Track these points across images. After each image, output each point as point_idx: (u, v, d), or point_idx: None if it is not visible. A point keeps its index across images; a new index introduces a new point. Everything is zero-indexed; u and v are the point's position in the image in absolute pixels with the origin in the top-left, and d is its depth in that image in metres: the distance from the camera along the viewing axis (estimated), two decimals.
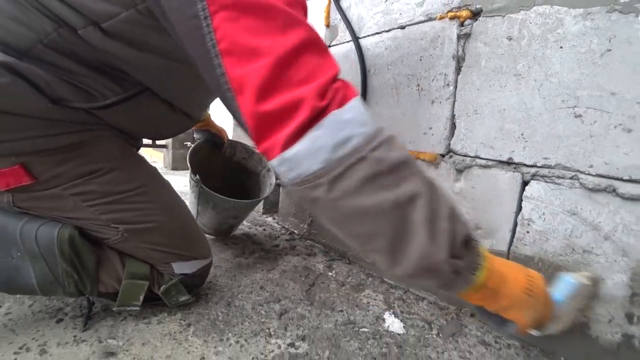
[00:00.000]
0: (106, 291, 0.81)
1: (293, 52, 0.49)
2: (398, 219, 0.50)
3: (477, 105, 0.89)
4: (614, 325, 0.72)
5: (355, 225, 0.52)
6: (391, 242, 0.51)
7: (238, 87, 0.50)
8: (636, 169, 0.68)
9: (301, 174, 0.50)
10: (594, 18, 0.71)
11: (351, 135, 0.49)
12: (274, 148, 0.50)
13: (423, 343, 0.82)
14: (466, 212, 0.93)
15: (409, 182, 0.51)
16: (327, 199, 0.50)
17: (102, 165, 0.76)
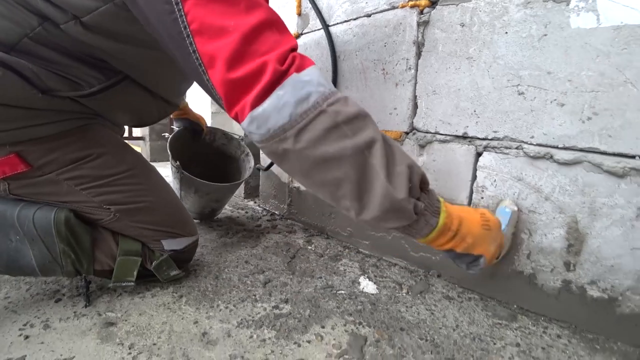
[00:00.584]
0: (102, 269, 0.87)
1: (256, 29, 0.56)
2: (359, 163, 0.57)
3: (436, 86, 0.98)
4: (555, 274, 0.84)
5: (323, 173, 0.59)
6: (356, 186, 0.58)
7: (209, 62, 0.56)
8: (568, 138, 0.78)
9: (270, 129, 0.57)
10: (533, 6, 0.80)
11: (310, 92, 0.56)
12: (244, 109, 0.56)
13: (394, 300, 0.93)
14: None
15: (365, 130, 0.58)
16: (295, 149, 0.57)
17: (92, 151, 0.82)
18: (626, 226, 0.74)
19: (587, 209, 0.78)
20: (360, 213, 0.61)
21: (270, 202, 1.66)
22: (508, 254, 0.90)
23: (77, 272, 0.85)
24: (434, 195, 0.67)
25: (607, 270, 0.76)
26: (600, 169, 0.75)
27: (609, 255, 0.76)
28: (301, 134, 0.56)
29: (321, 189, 0.62)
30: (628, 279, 0.74)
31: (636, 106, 0.70)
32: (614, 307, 0.76)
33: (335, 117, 0.56)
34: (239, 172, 1.49)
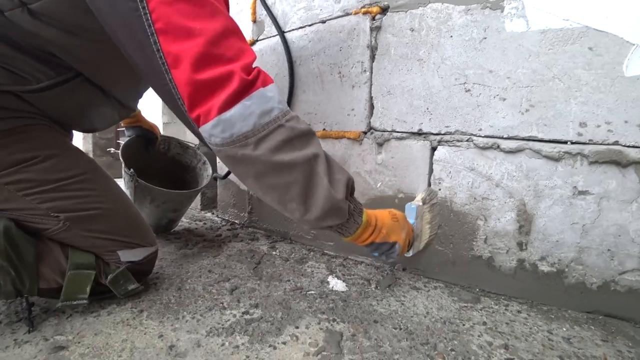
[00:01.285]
0: (48, 287, 0.78)
1: (222, 35, 0.59)
2: (307, 170, 0.65)
3: (390, 87, 1.04)
4: (510, 254, 0.90)
5: (276, 178, 0.65)
6: (304, 189, 0.66)
7: (173, 62, 0.57)
8: (511, 129, 0.87)
9: (234, 134, 0.61)
10: (473, 13, 0.89)
11: (273, 107, 0.62)
12: (210, 111, 0.59)
13: (364, 295, 0.94)
14: (389, 180, 1.07)
15: (312, 145, 0.66)
16: (253, 155, 0.62)
17: (38, 153, 0.75)
18: (565, 204, 0.82)
19: (532, 191, 0.86)
20: (305, 214, 0.68)
21: (230, 211, 1.61)
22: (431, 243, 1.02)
23: (18, 292, 0.74)
24: (357, 200, 0.78)
25: (553, 246, 0.85)
26: (540, 154, 0.84)
27: (553, 232, 0.84)
28: (261, 142, 0.62)
29: (271, 192, 0.68)
30: (571, 252, 0.83)
31: (564, 98, 0.80)
32: (562, 278, 0.84)
33: (291, 131, 0.63)
34: (195, 181, 1.44)
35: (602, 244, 0.80)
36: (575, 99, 0.79)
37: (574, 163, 0.81)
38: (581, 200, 0.81)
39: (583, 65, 0.78)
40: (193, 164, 1.47)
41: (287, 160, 0.63)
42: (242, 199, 1.52)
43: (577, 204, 0.81)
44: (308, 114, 1.23)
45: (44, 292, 0.79)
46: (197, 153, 1.46)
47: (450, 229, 0.98)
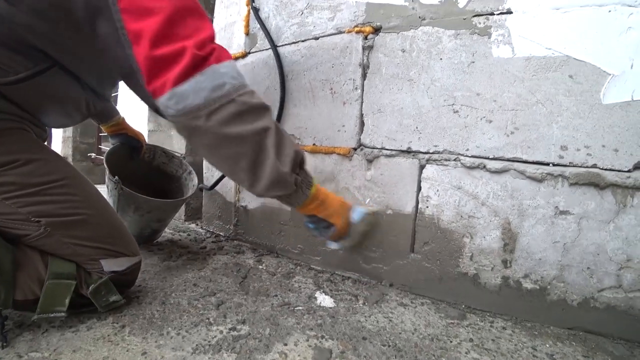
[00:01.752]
0: (24, 298, 0.74)
1: (179, 13, 0.64)
2: (256, 143, 0.70)
3: (381, 105, 1.06)
4: (495, 272, 0.93)
5: (226, 149, 0.70)
6: (252, 160, 0.71)
7: (134, 38, 0.62)
8: (497, 150, 0.90)
9: (186, 106, 0.65)
10: (462, 37, 0.93)
11: (225, 82, 0.67)
12: (165, 85, 0.64)
13: (352, 311, 0.93)
14: (377, 196, 1.09)
15: (263, 119, 0.71)
16: (205, 126, 0.67)
17: (19, 156, 0.73)
18: (547, 223, 0.86)
19: (517, 210, 0.89)
20: (253, 184, 0.74)
21: (215, 223, 1.59)
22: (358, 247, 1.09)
23: None
24: (309, 173, 0.84)
25: (536, 264, 0.87)
26: (524, 175, 0.87)
27: (536, 250, 0.87)
28: (212, 115, 0.66)
29: (222, 162, 0.74)
30: (553, 269, 0.86)
31: (546, 122, 0.84)
32: (545, 295, 0.87)
33: (242, 106, 0.68)
34: (180, 191, 1.41)
35: (582, 262, 0.83)
36: (557, 123, 0.83)
37: (555, 184, 0.84)
38: (562, 219, 0.84)
39: (564, 92, 0.82)
40: (178, 173, 1.45)
41: (236, 133, 0.68)
42: (228, 210, 1.50)
43: (558, 223, 0.85)
44: (298, 128, 1.24)
45: (19, 304, 0.74)
46: (183, 163, 1.44)
47: (437, 246, 1.00)
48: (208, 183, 1.54)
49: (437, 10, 0.96)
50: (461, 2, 0.92)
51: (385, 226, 1.08)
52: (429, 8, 0.97)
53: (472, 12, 0.91)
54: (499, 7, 0.88)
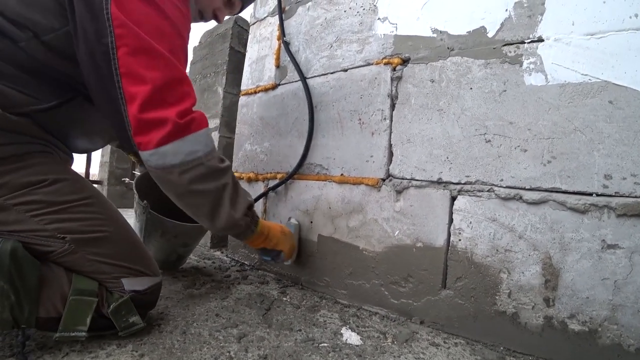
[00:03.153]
0: (47, 316, 0.74)
1: (165, 84, 0.75)
2: (216, 197, 0.87)
3: (410, 135, 1.05)
4: (536, 311, 0.85)
5: (190, 199, 0.85)
6: (211, 210, 0.88)
7: (129, 98, 0.73)
8: (533, 180, 0.86)
9: (165, 163, 0.78)
10: (492, 67, 0.93)
11: (198, 149, 0.81)
12: (149, 143, 0.75)
13: (380, 351, 0.87)
14: (407, 228, 1.05)
15: (223, 178, 0.87)
16: (176, 181, 0.81)
17: (47, 176, 0.77)
18: (594, 258, 0.79)
19: (558, 244, 0.83)
20: (211, 227, 0.92)
21: (240, 251, 1.57)
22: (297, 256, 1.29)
23: (15, 321, 0.70)
24: (255, 214, 1.00)
25: (583, 303, 0.80)
26: (565, 206, 0.82)
27: (583, 288, 0.80)
28: (183, 174, 0.80)
29: (187, 208, 0.89)
30: (604, 310, 0.78)
31: (587, 150, 0.80)
32: (595, 339, 0.78)
33: (208, 169, 0.83)
34: None
35: (637, 302, 0.75)
36: (599, 151, 0.79)
37: (600, 216, 0.79)
38: (611, 254, 0.78)
39: (604, 118, 0.79)
40: None
41: (200, 189, 0.84)
42: None
43: (606, 258, 0.78)
44: (327, 158, 1.24)
45: (42, 322, 0.74)
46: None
47: (471, 282, 0.94)
48: None
49: (465, 41, 0.97)
50: (490, 32, 0.93)
51: (415, 259, 1.03)
52: (457, 39, 0.98)
53: (502, 42, 0.91)
54: (529, 36, 0.87)
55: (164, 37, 0.77)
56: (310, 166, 1.30)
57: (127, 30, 0.71)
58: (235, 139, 1.63)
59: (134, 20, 0.72)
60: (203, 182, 0.82)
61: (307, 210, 1.29)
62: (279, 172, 1.39)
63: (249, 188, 1.50)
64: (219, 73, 1.89)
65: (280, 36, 1.41)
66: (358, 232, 1.16)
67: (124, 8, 0.71)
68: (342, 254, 1.19)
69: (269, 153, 1.44)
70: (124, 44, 0.71)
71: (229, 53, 1.85)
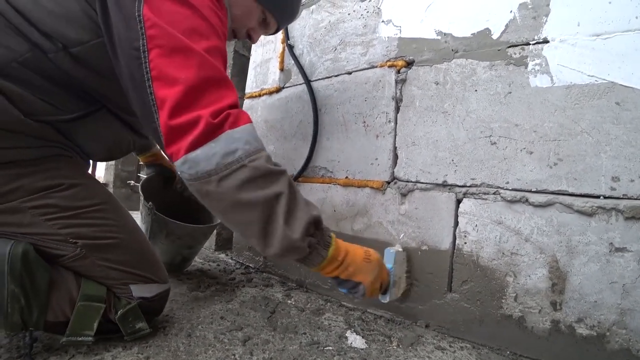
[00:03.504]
0: (55, 320, 0.75)
1: (201, 84, 0.67)
2: (266, 210, 0.69)
3: (415, 137, 1.05)
4: (543, 314, 0.84)
5: (236, 214, 0.70)
6: (262, 227, 0.70)
7: (160, 104, 0.66)
8: (540, 182, 0.86)
9: (198, 171, 0.67)
10: (497, 68, 0.92)
11: (237, 148, 0.68)
12: (179, 151, 0.66)
13: (385, 354, 0.87)
14: (412, 231, 1.04)
15: (276, 185, 0.70)
16: (216, 192, 0.68)
17: (63, 181, 0.78)
18: (602, 261, 0.78)
19: (565, 247, 0.82)
20: (264, 250, 0.72)
21: (245, 254, 1.58)
22: (409, 292, 1.05)
23: (24, 324, 0.71)
24: (327, 232, 0.79)
25: (591, 307, 0.79)
26: (572, 209, 0.81)
27: (590, 291, 0.79)
28: (223, 181, 0.67)
29: (234, 226, 0.74)
30: (612, 314, 0.77)
31: (594, 152, 0.80)
32: (604, 343, 0.77)
33: (254, 171, 0.68)
34: (210, 221, 1.43)
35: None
36: (606, 153, 0.78)
37: (608, 218, 0.78)
38: (619, 257, 0.77)
39: (611, 120, 0.78)
40: None
41: (246, 199, 0.67)
42: None
43: (614, 261, 0.77)
44: (331, 161, 1.24)
45: (50, 326, 0.75)
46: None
47: (477, 285, 0.93)
48: None
49: (470, 43, 0.96)
50: (495, 34, 0.92)
51: (420, 263, 1.03)
52: (462, 41, 0.98)
53: (506, 43, 0.91)
54: (534, 37, 0.87)
55: (201, 36, 0.70)
56: (314, 169, 1.30)
57: (159, 30, 0.66)
58: None
59: (168, 20, 0.67)
60: (249, 189, 0.67)
61: None
62: None
63: None
64: None
65: (284, 39, 1.41)
66: (363, 235, 1.15)
67: (157, 9, 0.67)
68: None
69: (274, 156, 1.44)
70: (156, 45, 0.66)
71: (233, 56, 1.86)
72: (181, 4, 0.69)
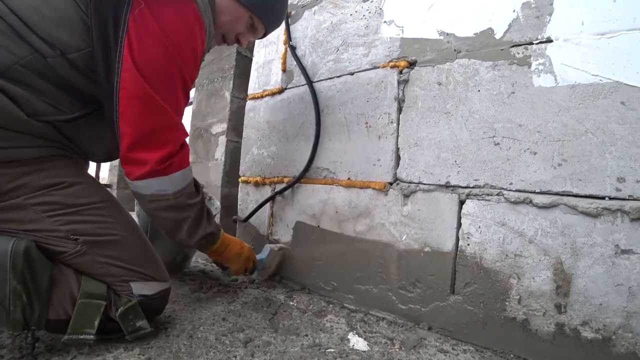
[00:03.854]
0: (57, 318, 0.76)
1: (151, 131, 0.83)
2: (175, 225, 0.96)
3: (417, 138, 1.04)
4: (547, 317, 0.83)
5: (158, 221, 0.97)
6: (169, 231, 0.97)
7: (122, 135, 0.82)
8: (544, 183, 0.85)
9: (138, 192, 0.89)
10: (500, 68, 0.91)
11: (168, 187, 0.89)
12: (130, 174, 0.86)
13: (388, 357, 0.86)
14: (415, 233, 1.04)
15: (185, 213, 0.95)
16: (144, 205, 0.92)
17: (64, 179, 0.80)
18: (607, 263, 0.77)
19: (570, 249, 0.81)
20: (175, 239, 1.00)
21: None
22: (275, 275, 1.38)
23: (25, 323, 0.72)
24: (215, 236, 1.07)
25: (596, 310, 0.78)
26: (576, 210, 0.80)
27: (596, 294, 0.78)
28: (152, 202, 0.90)
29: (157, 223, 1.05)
30: (618, 317, 0.76)
31: (599, 152, 0.78)
32: (609, 347, 0.76)
33: (175, 203, 0.91)
34: None
35: None
36: (611, 154, 0.77)
37: (614, 220, 0.77)
38: (625, 259, 0.75)
39: (616, 120, 0.77)
40: None
41: (162, 216, 0.93)
42: (260, 243, 1.49)
43: (620, 263, 0.76)
44: (333, 162, 1.24)
45: (51, 324, 0.76)
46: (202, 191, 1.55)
47: (480, 287, 0.92)
48: (242, 215, 1.55)
49: (472, 43, 0.96)
50: (498, 33, 0.92)
51: (423, 264, 1.02)
52: (465, 41, 0.97)
53: (509, 43, 0.90)
54: (537, 37, 0.86)
55: (167, 82, 0.83)
56: (317, 170, 1.29)
57: (131, 75, 0.77)
58: (243, 143, 1.64)
59: (141, 66, 0.78)
60: (165, 212, 0.92)
61: (314, 214, 1.29)
62: (286, 176, 1.39)
63: (256, 192, 1.51)
64: (226, 78, 1.91)
65: (287, 40, 1.41)
66: (365, 236, 1.15)
67: (134, 53, 0.77)
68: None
69: (276, 157, 1.44)
70: (124, 88, 0.78)
71: (236, 58, 1.87)
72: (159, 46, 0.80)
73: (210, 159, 1.94)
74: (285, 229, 1.39)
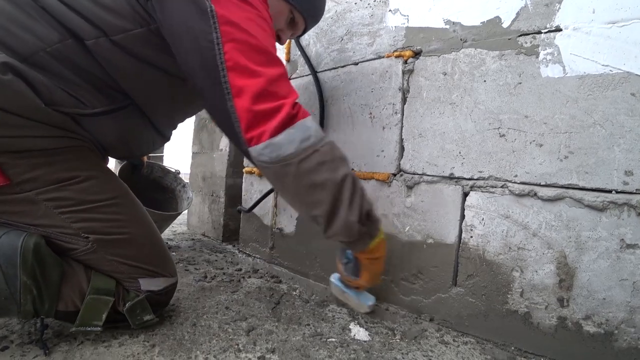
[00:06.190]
0: (66, 309, 0.77)
1: (277, 78, 0.75)
2: (336, 192, 0.78)
3: (422, 129, 1.03)
4: (550, 311, 0.83)
5: (310, 195, 0.78)
6: (330, 208, 0.78)
7: (237, 92, 0.72)
8: (549, 176, 0.83)
9: (280, 155, 0.74)
10: (507, 58, 0.89)
11: (311, 134, 0.76)
12: (262, 135, 0.73)
13: (388, 347, 0.87)
14: (418, 224, 1.03)
15: (343, 167, 0.79)
16: (295, 173, 0.76)
17: (79, 173, 0.79)
18: (612, 258, 0.76)
19: (574, 243, 0.80)
20: (326, 230, 0.82)
21: (251, 245, 1.59)
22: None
23: (35, 312, 0.74)
24: (376, 225, 0.88)
25: (600, 304, 0.77)
26: (582, 203, 0.79)
27: (599, 288, 0.77)
28: (301, 163, 0.75)
29: (304, 206, 0.82)
30: (621, 312, 0.75)
31: (606, 145, 0.77)
32: (612, 341, 0.76)
33: (325, 156, 0.77)
34: (174, 201, 1.62)
35: None
36: (619, 146, 0.75)
37: (620, 214, 0.75)
38: (630, 254, 0.74)
39: (626, 112, 0.75)
40: (172, 186, 1.68)
41: (320, 180, 0.76)
42: (264, 234, 1.50)
43: (625, 258, 0.75)
44: None
45: (60, 314, 0.78)
46: (177, 177, 1.66)
47: (482, 280, 0.92)
48: (246, 205, 1.56)
49: (479, 32, 0.94)
50: (505, 22, 0.89)
51: (425, 256, 1.02)
52: (471, 30, 0.95)
53: (517, 32, 0.88)
54: (546, 25, 0.84)
55: (266, 36, 0.77)
56: None
57: (233, 27, 0.71)
58: None
59: (238, 17, 0.73)
60: (322, 171, 0.76)
61: None
62: None
63: (260, 182, 1.51)
64: None
65: None
66: None
67: (225, 6, 0.72)
68: None
69: None
70: (230, 40, 0.71)
71: None
72: (245, 3, 0.75)
73: (215, 149, 1.95)
74: (289, 219, 1.39)
